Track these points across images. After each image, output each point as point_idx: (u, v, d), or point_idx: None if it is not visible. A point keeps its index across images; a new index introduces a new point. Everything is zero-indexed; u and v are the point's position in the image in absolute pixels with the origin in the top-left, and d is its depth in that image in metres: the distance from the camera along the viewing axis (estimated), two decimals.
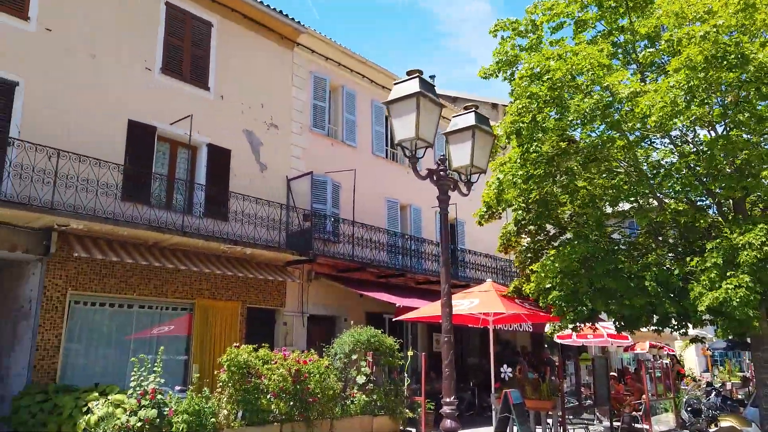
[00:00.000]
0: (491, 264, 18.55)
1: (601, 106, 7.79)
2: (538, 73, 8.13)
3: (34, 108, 9.96)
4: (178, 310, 11.71)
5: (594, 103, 7.79)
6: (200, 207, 12.08)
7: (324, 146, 15.38)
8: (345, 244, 14.50)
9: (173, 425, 7.79)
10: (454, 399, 5.11)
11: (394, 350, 11.48)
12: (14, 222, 9.39)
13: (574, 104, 7.88)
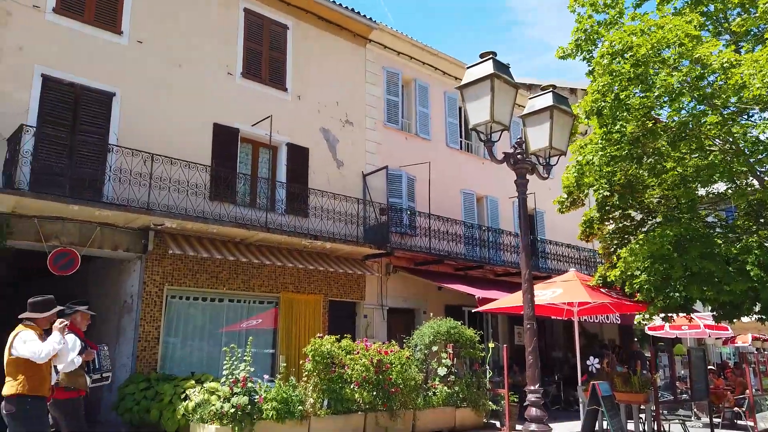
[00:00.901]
0: (573, 254, 17.94)
1: (691, 79, 7.30)
2: (620, 49, 7.75)
3: (129, 116, 10.72)
4: (264, 304, 12.22)
5: (683, 76, 7.31)
6: (282, 204, 12.52)
7: (398, 140, 15.48)
8: (422, 237, 14.53)
9: (263, 412, 8.14)
10: (539, 387, 5.01)
11: (475, 342, 11.39)
12: (116, 223, 10.15)
13: (660, 79, 7.44)
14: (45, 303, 5.06)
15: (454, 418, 10.64)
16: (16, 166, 8.88)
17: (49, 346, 4.79)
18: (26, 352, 4.72)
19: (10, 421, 4.71)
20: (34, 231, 9.39)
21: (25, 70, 9.71)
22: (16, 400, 4.69)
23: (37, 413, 4.74)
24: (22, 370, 4.74)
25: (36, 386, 4.76)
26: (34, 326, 4.95)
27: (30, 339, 4.78)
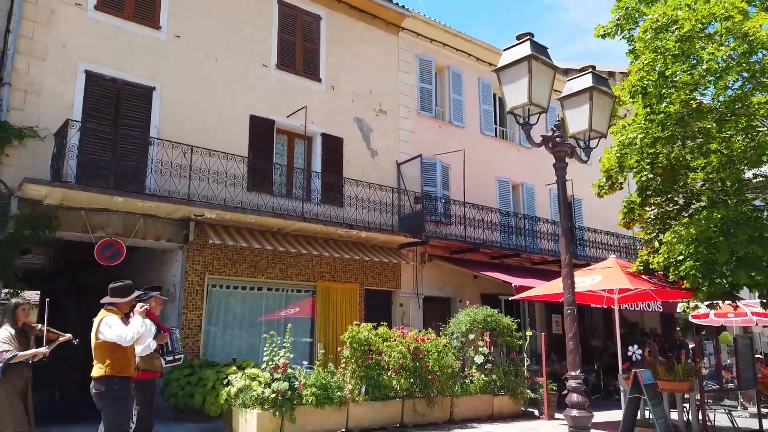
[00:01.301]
0: (613, 242, 17.57)
1: (738, 55, 7.01)
2: (664, 24, 7.48)
3: (168, 109, 10.98)
4: (302, 292, 12.39)
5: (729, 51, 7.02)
6: (317, 194, 12.64)
7: (432, 128, 15.40)
8: (457, 225, 14.46)
9: (303, 397, 8.29)
10: (580, 373, 4.94)
11: (512, 330, 11.31)
12: (158, 214, 10.43)
13: (707, 53, 7.17)
14: (125, 288, 5.27)
15: (491, 405, 10.62)
16: (63, 160, 9.20)
17: (133, 330, 5.00)
18: (112, 336, 4.94)
19: (99, 400, 4.97)
20: (81, 222, 9.73)
21: (69, 66, 10.03)
22: (104, 380, 4.94)
23: (122, 393, 4.97)
24: (109, 353, 4.97)
25: (122, 368, 5.00)
26: (116, 310, 5.17)
27: (115, 323, 4.99)
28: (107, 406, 4.92)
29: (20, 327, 5.72)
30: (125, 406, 5.01)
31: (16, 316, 5.72)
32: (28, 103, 9.56)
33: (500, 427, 9.61)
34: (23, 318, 5.77)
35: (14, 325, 5.67)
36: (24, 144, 9.34)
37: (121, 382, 4.96)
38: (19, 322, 5.73)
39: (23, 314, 5.77)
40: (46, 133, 9.51)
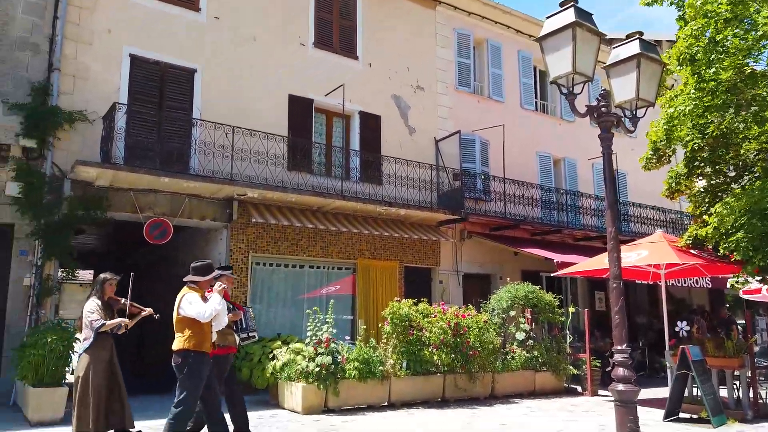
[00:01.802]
0: (659, 217, 17.07)
1: None
2: None
3: (210, 90, 11.16)
4: (342, 270, 12.55)
5: None
6: (356, 172, 12.70)
7: (470, 104, 15.19)
8: (496, 201, 14.31)
9: (346, 371, 8.46)
10: (626, 347, 4.88)
11: (554, 307, 11.21)
12: (202, 194, 10.69)
13: (762, 17, 6.81)
14: (205, 268, 5.52)
15: (533, 381, 10.60)
16: (111, 143, 9.50)
17: (211, 307, 5.24)
18: (192, 312, 5.20)
19: (177, 371, 5.28)
20: (130, 203, 10.06)
21: (114, 51, 10.29)
22: (182, 354, 5.22)
23: (198, 367, 5.23)
24: (189, 328, 5.24)
25: (199, 343, 5.25)
26: (197, 288, 5.43)
27: (195, 300, 5.26)
28: (183, 378, 5.23)
29: (106, 300, 6.09)
30: (200, 379, 5.26)
31: (103, 289, 6.09)
32: (77, 88, 9.88)
33: (542, 403, 9.59)
34: (110, 292, 6.14)
35: (101, 298, 6.04)
36: (74, 128, 9.68)
37: (197, 356, 5.22)
38: (106, 295, 6.10)
39: (110, 289, 6.13)
40: (94, 116, 9.83)
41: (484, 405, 9.22)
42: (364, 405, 8.61)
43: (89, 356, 5.84)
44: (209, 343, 5.40)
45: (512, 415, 8.41)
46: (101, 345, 5.89)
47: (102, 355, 5.89)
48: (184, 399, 5.14)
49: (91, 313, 5.87)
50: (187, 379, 5.17)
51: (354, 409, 8.42)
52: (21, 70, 9.51)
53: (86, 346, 5.86)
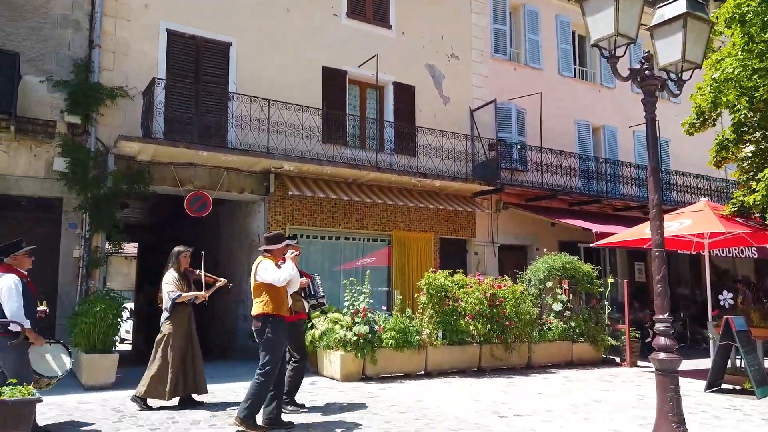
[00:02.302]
0: (703, 185, 16.52)
1: None
2: None
3: (245, 64, 11.23)
4: (378, 242, 12.64)
5: None
6: (390, 144, 12.66)
7: (506, 72, 14.87)
8: (533, 171, 14.09)
9: (383, 340, 8.59)
10: (668, 316, 4.80)
11: (592, 277, 11.08)
12: (240, 167, 10.86)
13: None
14: (277, 237, 5.77)
15: (570, 352, 10.56)
16: (151, 117, 9.71)
17: (286, 273, 5.46)
18: (269, 278, 5.42)
19: (257, 335, 5.54)
20: (171, 177, 10.31)
21: (151, 26, 10.43)
22: (261, 318, 5.46)
23: (277, 330, 5.47)
24: (266, 294, 5.47)
25: (277, 307, 5.48)
26: (270, 256, 5.64)
27: (270, 267, 5.48)
28: (264, 341, 5.47)
29: (182, 272, 6.40)
30: (280, 342, 5.51)
31: (179, 261, 6.39)
32: (117, 64, 10.09)
33: (579, 373, 9.57)
34: (185, 264, 6.46)
35: (178, 270, 6.36)
36: (116, 103, 9.92)
37: (275, 320, 5.45)
38: (182, 267, 6.42)
39: (185, 260, 6.45)
40: (134, 92, 10.04)
41: (520, 375, 9.25)
42: (400, 373, 8.75)
43: (168, 326, 6.21)
44: (286, 308, 5.64)
45: (549, 384, 8.42)
46: (180, 315, 6.26)
47: (181, 324, 6.25)
48: (267, 361, 5.40)
49: (168, 284, 6.22)
50: (268, 342, 5.42)
51: (391, 377, 8.57)
52: (63, 48, 9.75)
53: (165, 316, 6.23)
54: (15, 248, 5.34)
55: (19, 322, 4.98)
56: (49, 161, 9.45)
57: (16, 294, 5.02)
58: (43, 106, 9.48)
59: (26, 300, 5.10)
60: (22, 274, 5.24)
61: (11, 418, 4.39)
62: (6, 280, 5.11)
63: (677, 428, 4.47)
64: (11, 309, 4.99)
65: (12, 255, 5.28)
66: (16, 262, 5.27)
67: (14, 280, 5.11)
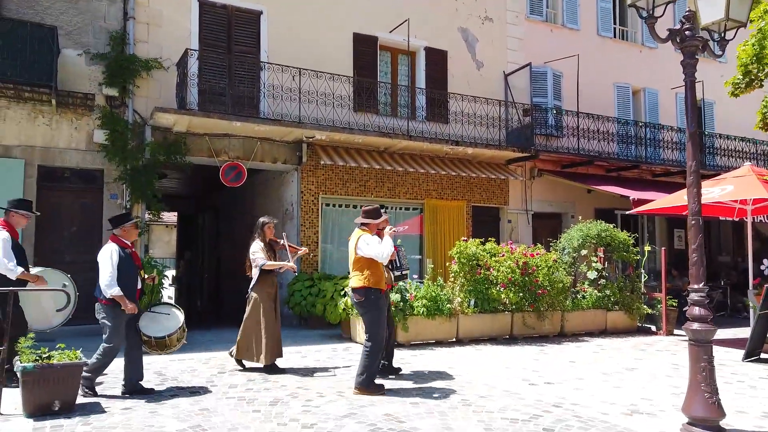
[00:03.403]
0: (748, 149, 15.87)
1: None
2: None
3: (275, 33, 11.21)
4: (410, 210, 12.65)
5: None
6: (422, 111, 12.53)
7: (542, 34, 14.42)
8: (569, 137, 13.77)
9: (414, 308, 8.68)
10: (703, 286, 4.70)
11: (629, 245, 10.87)
12: (272, 137, 10.96)
13: None
14: (376, 211, 5.91)
15: (605, 320, 10.47)
16: (186, 89, 9.84)
17: (388, 249, 5.63)
18: (371, 253, 5.60)
19: (358, 306, 5.77)
20: (206, 147, 10.49)
21: None
22: (363, 291, 5.66)
23: (377, 302, 5.69)
24: (367, 267, 5.66)
25: (377, 281, 5.68)
26: (368, 230, 5.81)
27: (372, 242, 5.66)
28: (366, 313, 5.70)
29: (267, 242, 6.67)
30: (380, 313, 5.71)
31: (264, 232, 6.62)
32: (151, 35, 10.20)
33: (613, 341, 9.50)
34: (269, 234, 6.71)
35: (263, 240, 6.62)
36: (151, 75, 10.08)
37: (376, 293, 5.66)
38: (267, 237, 6.68)
39: (269, 231, 6.70)
40: (168, 63, 10.16)
41: (552, 343, 9.25)
42: (432, 341, 8.86)
43: (256, 293, 6.51)
44: (384, 281, 5.80)
45: (581, 352, 8.40)
46: (266, 282, 6.52)
47: (268, 291, 6.54)
48: (373, 332, 5.64)
49: (254, 253, 6.46)
50: (370, 314, 5.65)
51: (423, 344, 8.70)
52: (99, 20, 9.91)
53: (252, 284, 6.50)
54: (124, 220, 5.60)
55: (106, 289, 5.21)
56: (89, 133, 9.73)
57: (110, 264, 5.23)
58: (82, 79, 9.71)
59: (127, 270, 5.35)
60: (126, 245, 5.47)
61: (60, 380, 4.67)
62: (105, 249, 5.38)
63: (709, 399, 4.42)
64: (103, 278, 5.22)
65: (121, 226, 5.51)
66: (123, 234, 5.51)
67: (112, 248, 5.34)
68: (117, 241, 5.46)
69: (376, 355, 5.62)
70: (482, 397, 5.56)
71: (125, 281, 5.30)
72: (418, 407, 5.16)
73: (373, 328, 5.64)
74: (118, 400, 5.25)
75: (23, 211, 5.75)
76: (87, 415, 4.74)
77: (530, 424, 4.67)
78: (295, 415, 4.83)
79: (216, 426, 4.52)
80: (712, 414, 4.42)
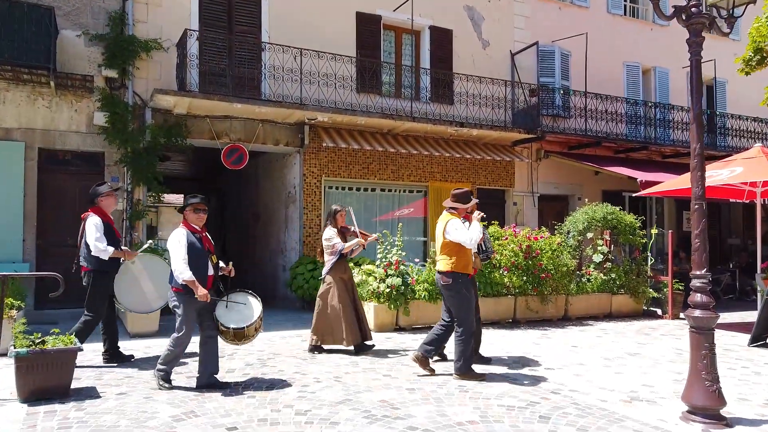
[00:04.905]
0: (761, 129, 15.53)
1: None
2: None
3: (277, 12, 11.02)
4: (414, 193, 12.54)
5: None
6: (426, 92, 12.33)
7: (550, 11, 14.10)
8: (577, 118, 13.52)
9: (416, 292, 8.63)
10: (705, 272, 4.58)
11: (635, 228, 10.72)
12: (274, 119, 10.84)
13: None
14: (466, 195, 5.86)
15: (609, 304, 10.38)
16: (185, 70, 9.72)
17: (477, 235, 5.58)
18: (460, 238, 5.54)
19: (446, 291, 5.75)
20: (207, 129, 10.40)
21: None
22: (450, 275, 5.64)
23: (465, 287, 5.67)
24: (455, 252, 5.63)
25: (465, 266, 5.66)
26: (456, 213, 5.77)
27: (460, 227, 5.60)
28: (453, 297, 5.67)
29: (339, 228, 6.83)
30: (468, 297, 5.70)
31: (335, 219, 6.82)
32: (150, 15, 10.06)
33: (618, 325, 9.41)
34: (341, 221, 6.87)
35: (335, 227, 6.79)
36: (151, 56, 9.96)
37: (463, 278, 5.64)
38: (338, 224, 6.83)
39: (341, 218, 6.86)
40: (168, 44, 10.04)
41: (556, 327, 9.17)
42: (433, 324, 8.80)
43: (331, 277, 6.68)
44: (471, 266, 5.79)
45: (584, 337, 8.32)
46: (341, 267, 6.73)
47: (342, 275, 6.73)
48: (462, 317, 5.63)
49: (330, 239, 6.67)
50: (459, 299, 5.63)
51: (424, 327, 8.63)
52: (97, 0, 9.77)
53: (327, 268, 6.71)
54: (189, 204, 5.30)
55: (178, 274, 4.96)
56: (89, 115, 9.67)
57: (181, 248, 4.98)
58: (81, 61, 9.62)
59: (197, 255, 5.06)
60: (195, 229, 5.19)
61: (55, 365, 4.66)
62: (174, 234, 5.12)
63: (710, 387, 4.34)
64: (174, 263, 5.01)
65: (186, 210, 5.26)
66: (186, 216, 5.25)
67: (181, 233, 5.08)
68: (186, 225, 5.17)
69: (468, 340, 5.60)
70: (479, 383, 5.50)
71: (195, 266, 4.99)
72: (415, 393, 5.11)
73: (461, 312, 5.61)
74: (114, 387, 5.24)
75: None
76: (82, 400, 4.74)
77: (526, 412, 4.62)
78: (289, 401, 4.80)
79: (209, 412, 4.50)
80: (713, 402, 4.34)
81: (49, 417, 4.32)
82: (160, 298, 7.03)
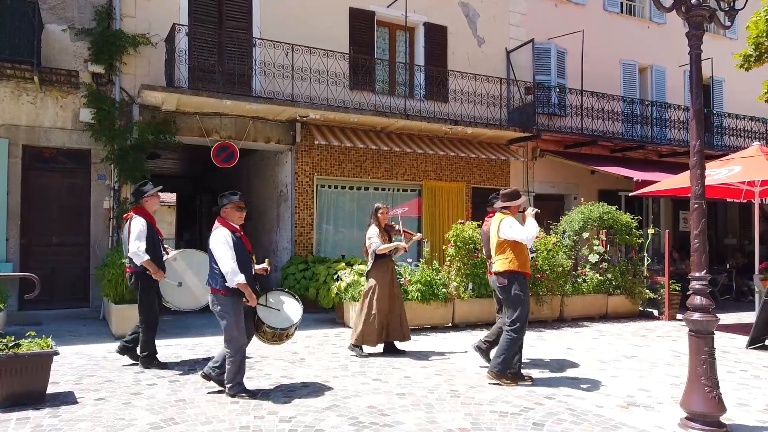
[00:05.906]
0: (759, 128, 15.42)
1: None
2: None
3: (269, 7, 10.82)
4: (408, 192, 12.35)
5: None
6: (421, 89, 12.16)
7: (546, 8, 13.94)
8: (573, 116, 13.37)
9: (409, 293, 8.46)
10: (705, 274, 4.43)
11: (631, 228, 10.58)
12: (265, 116, 10.64)
13: None
14: (514, 193, 5.79)
15: (605, 305, 10.23)
16: (174, 65, 9.51)
17: (533, 231, 5.45)
18: (516, 236, 5.43)
19: (502, 291, 5.61)
20: (197, 127, 10.20)
21: None
22: (506, 275, 5.51)
23: (522, 287, 5.54)
24: (511, 250, 5.50)
25: (521, 264, 5.53)
26: (509, 212, 5.66)
27: (514, 224, 5.49)
28: (511, 298, 5.51)
29: (383, 227, 6.83)
30: (525, 296, 5.55)
31: (378, 218, 6.81)
32: (139, 9, 9.85)
33: (614, 327, 9.26)
34: (384, 220, 6.86)
35: (378, 225, 6.79)
36: (139, 51, 9.74)
37: (521, 277, 5.51)
38: (381, 223, 6.83)
39: (383, 217, 6.84)
40: (157, 39, 9.82)
41: (551, 328, 9.02)
42: (427, 326, 8.66)
43: (372, 277, 6.68)
44: (529, 265, 5.67)
45: (580, 338, 8.17)
46: (383, 266, 6.69)
47: (384, 275, 6.68)
48: (518, 317, 5.49)
49: (370, 238, 6.68)
50: (516, 299, 5.49)
51: (418, 329, 8.48)
52: None
53: (368, 268, 6.73)
54: (225, 201, 5.08)
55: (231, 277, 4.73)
56: (75, 112, 9.46)
57: (228, 249, 4.78)
58: (67, 56, 9.41)
59: (241, 256, 4.86)
60: (235, 229, 4.99)
61: (29, 370, 4.47)
62: (217, 234, 4.88)
63: (709, 393, 4.18)
64: (224, 265, 4.74)
65: (222, 207, 5.05)
66: (226, 215, 5.03)
67: (225, 233, 4.86)
68: (226, 225, 4.94)
69: (516, 342, 5.47)
70: (472, 388, 5.34)
71: (241, 269, 4.77)
72: (405, 399, 4.94)
73: (517, 313, 5.47)
74: (92, 392, 5.05)
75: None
76: (57, 406, 4.55)
77: (520, 418, 4.45)
78: (274, 407, 4.63)
79: (189, 419, 4.32)
80: (712, 409, 4.19)
81: (21, 425, 4.13)
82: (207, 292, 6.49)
